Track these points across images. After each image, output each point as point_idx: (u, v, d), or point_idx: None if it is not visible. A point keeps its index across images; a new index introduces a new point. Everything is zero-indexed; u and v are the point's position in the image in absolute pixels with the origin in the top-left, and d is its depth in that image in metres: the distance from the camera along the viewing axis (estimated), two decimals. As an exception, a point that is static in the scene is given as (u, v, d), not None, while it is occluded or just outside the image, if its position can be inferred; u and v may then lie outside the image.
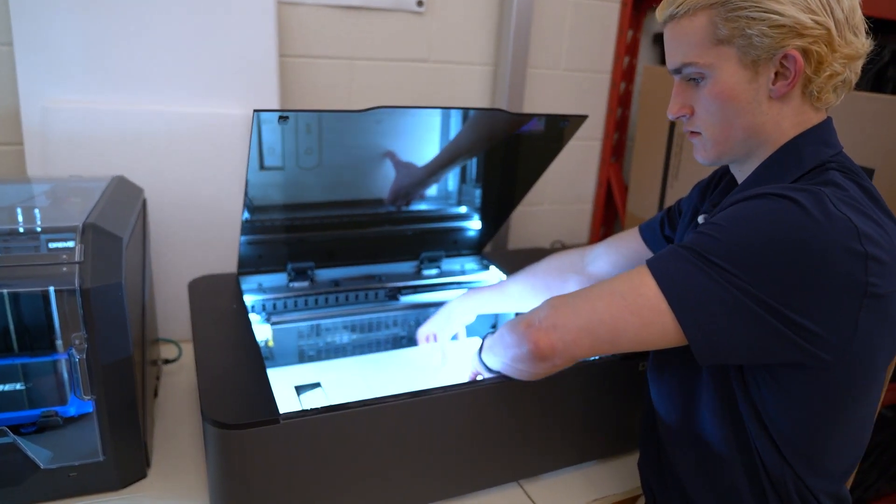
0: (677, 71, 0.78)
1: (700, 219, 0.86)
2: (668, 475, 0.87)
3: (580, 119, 1.12)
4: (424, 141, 1.15)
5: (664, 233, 1.01)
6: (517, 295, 1.15)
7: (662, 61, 1.82)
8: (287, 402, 1.03)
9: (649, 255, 1.02)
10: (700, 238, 0.70)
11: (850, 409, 0.74)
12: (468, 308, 1.17)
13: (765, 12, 0.70)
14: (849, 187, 0.70)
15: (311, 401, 1.04)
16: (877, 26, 1.51)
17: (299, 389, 1.06)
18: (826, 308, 0.66)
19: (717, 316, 0.68)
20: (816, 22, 0.69)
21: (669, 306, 0.70)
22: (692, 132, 0.81)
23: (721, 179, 0.91)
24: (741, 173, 0.82)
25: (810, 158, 0.74)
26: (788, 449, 0.74)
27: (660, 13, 0.79)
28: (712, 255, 0.68)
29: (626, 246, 1.07)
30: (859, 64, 0.75)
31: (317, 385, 1.08)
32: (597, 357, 1.05)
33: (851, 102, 1.15)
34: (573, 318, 0.75)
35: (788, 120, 0.75)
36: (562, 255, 1.16)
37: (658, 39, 1.81)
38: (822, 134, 0.76)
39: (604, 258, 1.09)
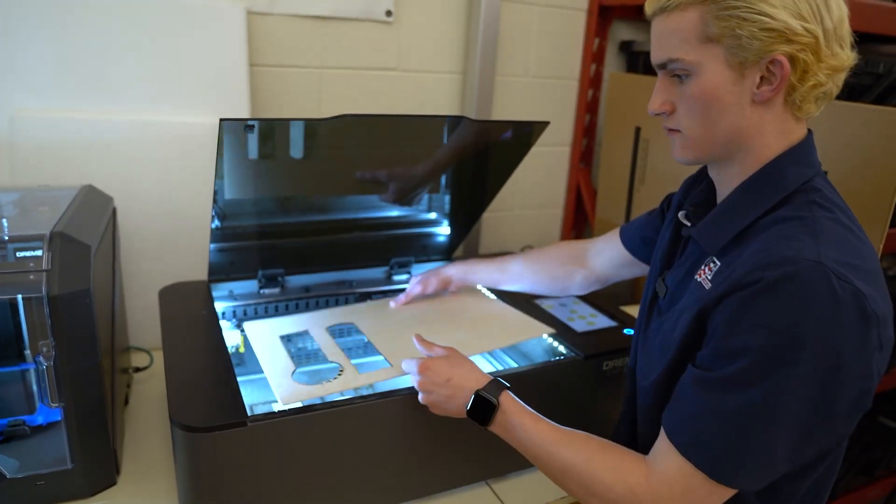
0: (662, 66, 0.76)
1: (680, 214, 0.87)
2: None
3: (543, 125, 1.15)
4: (392, 148, 1.17)
5: (646, 233, 1.02)
6: (517, 275, 1.17)
7: (629, 69, 1.86)
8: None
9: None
10: (722, 363, 0.68)
11: (838, 448, 0.76)
12: (463, 270, 1.20)
13: (757, 14, 0.68)
14: (834, 233, 0.69)
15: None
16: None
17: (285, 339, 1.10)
18: (867, 379, 0.67)
19: (772, 457, 0.67)
20: (806, 29, 0.69)
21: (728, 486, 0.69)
22: (671, 129, 0.79)
23: (705, 176, 0.89)
24: (720, 178, 0.81)
25: (793, 180, 0.73)
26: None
27: (649, 5, 0.76)
28: (744, 378, 0.66)
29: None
30: (842, 77, 0.74)
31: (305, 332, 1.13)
32: (562, 356, 1.08)
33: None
34: None
35: (770, 127, 0.74)
36: (568, 246, 1.17)
37: (624, 47, 1.85)
38: (804, 153, 0.75)
39: (606, 253, 1.10)
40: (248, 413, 0.82)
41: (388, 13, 1.48)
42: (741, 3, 0.69)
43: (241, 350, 1.18)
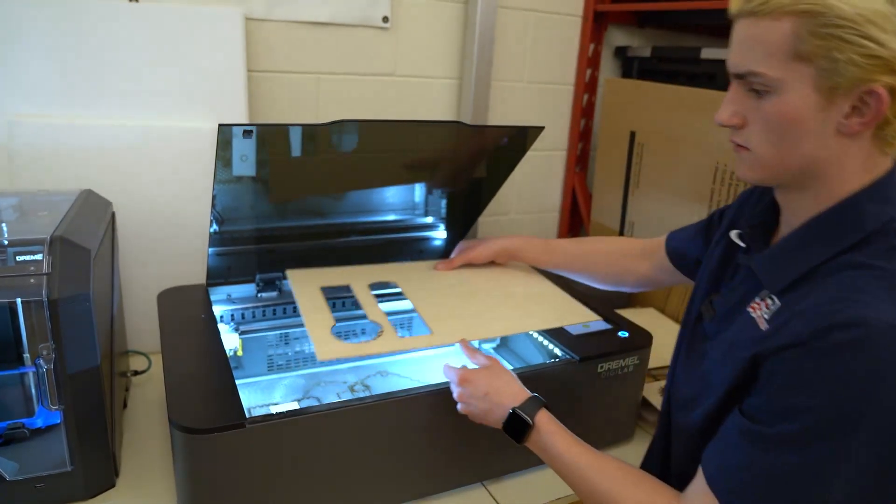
0: (739, 76, 0.68)
1: (733, 234, 0.81)
2: None
3: (538, 130, 1.16)
4: (389, 153, 1.18)
5: (690, 247, 0.98)
6: (567, 261, 1.15)
7: (624, 74, 1.88)
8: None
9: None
10: (775, 419, 0.62)
11: None
12: (512, 246, 1.18)
13: (862, 38, 0.60)
14: None
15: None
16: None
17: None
18: None
19: None
20: None
21: None
22: (739, 145, 0.71)
23: (765, 195, 0.81)
24: (788, 206, 0.74)
25: (871, 219, 0.65)
26: None
27: (735, 3, 0.67)
28: (798, 440, 0.60)
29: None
30: None
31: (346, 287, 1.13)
32: (557, 359, 1.09)
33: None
34: None
35: (853, 161, 0.66)
36: (623, 241, 1.13)
37: (619, 53, 1.87)
38: (886, 188, 0.67)
39: (655, 256, 1.07)
40: (247, 415, 0.83)
41: (385, 19, 1.50)
42: (846, 22, 0.60)
43: (240, 353, 1.19)
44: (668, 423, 0.85)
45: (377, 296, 1.16)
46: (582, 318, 1.11)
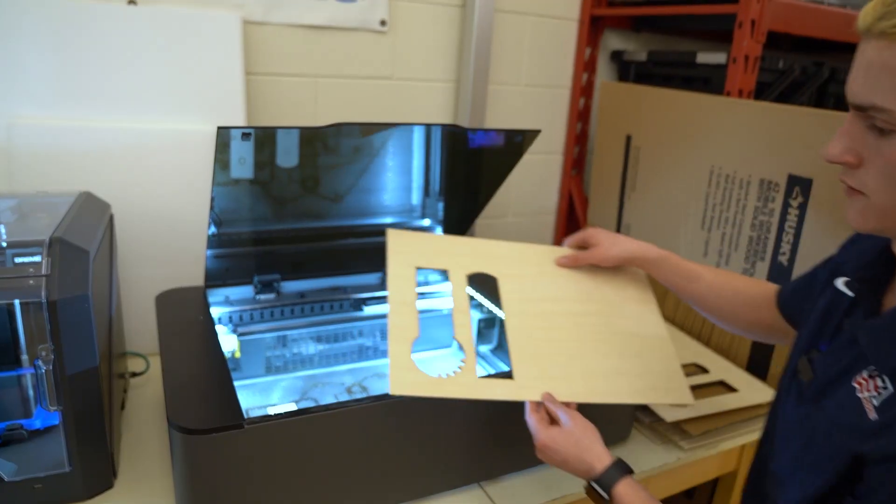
0: (860, 108, 0.57)
1: (839, 282, 0.72)
2: None
3: (534, 133, 1.17)
4: (388, 155, 1.19)
5: (799, 299, 0.88)
6: (701, 296, 1.00)
7: (620, 78, 1.89)
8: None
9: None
10: None
11: None
12: (644, 253, 1.01)
13: None
14: None
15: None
16: (817, 45, 1.61)
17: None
18: None
19: None
20: None
21: None
22: (851, 188, 0.61)
23: (878, 243, 0.71)
24: None
25: None
26: None
27: (866, 17, 0.56)
28: None
29: None
30: None
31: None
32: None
33: (795, 117, 1.22)
34: None
35: None
36: (761, 293, 0.97)
37: (615, 57, 1.88)
38: None
39: (772, 308, 0.95)
40: (245, 416, 0.83)
41: (383, 23, 1.51)
42: None
43: (238, 355, 1.19)
44: (758, 488, 0.78)
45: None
46: (674, 399, 0.95)
